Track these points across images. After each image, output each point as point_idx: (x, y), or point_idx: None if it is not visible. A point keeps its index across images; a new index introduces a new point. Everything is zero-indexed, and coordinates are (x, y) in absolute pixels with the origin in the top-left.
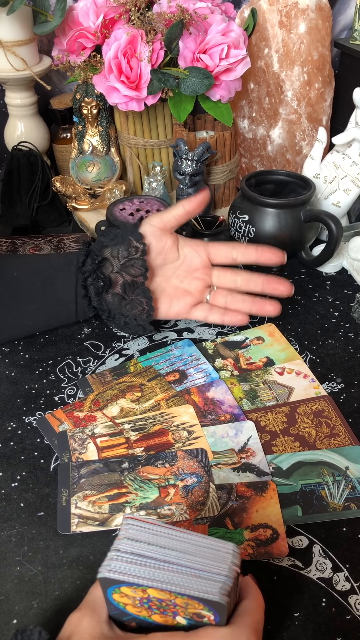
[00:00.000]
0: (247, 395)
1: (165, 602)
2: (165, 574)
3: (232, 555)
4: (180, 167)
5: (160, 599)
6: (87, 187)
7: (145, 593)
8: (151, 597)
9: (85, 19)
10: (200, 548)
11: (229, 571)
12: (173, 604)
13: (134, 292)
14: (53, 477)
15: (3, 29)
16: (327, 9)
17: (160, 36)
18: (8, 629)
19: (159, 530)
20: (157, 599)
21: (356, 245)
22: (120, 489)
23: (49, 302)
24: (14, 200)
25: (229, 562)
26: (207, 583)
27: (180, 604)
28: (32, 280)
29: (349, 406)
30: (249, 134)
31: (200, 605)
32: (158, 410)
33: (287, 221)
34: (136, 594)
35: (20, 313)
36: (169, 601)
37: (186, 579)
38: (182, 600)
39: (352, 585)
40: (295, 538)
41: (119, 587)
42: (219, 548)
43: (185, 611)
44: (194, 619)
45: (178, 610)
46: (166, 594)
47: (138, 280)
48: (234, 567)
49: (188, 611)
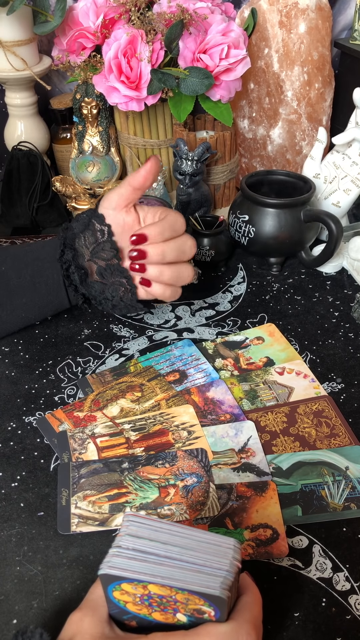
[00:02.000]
0: (247, 395)
1: (166, 599)
2: (167, 569)
3: (233, 550)
4: (180, 167)
5: (160, 595)
6: (87, 187)
7: (146, 589)
8: (152, 594)
9: (85, 19)
10: (201, 543)
11: (230, 566)
12: (174, 600)
13: (111, 274)
14: (53, 477)
15: (3, 29)
16: (327, 9)
17: (160, 36)
18: (8, 629)
19: (160, 526)
20: (157, 595)
21: (356, 245)
22: (120, 489)
23: (40, 293)
24: (14, 200)
25: (230, 557)
26: (208, 578)
27: (180, 599)
28: (21, 274)
29: (349, 406)
30: (249, 134)
31: (201, 601)
32: (158, 410)
33: (287, 221)
34: (137, 590)
35: (13, 307)
36: (170, 597)
37: (187, 574)
38: (182, 595)
39: (352, 585)
40: (295, 538)
41: (119, 583)
42: (220, 543)
43: (185, 607)
44: (195, 616)
45: (178, 606)
46: (167, 589)
47: (112, 263)
48: (235, 561)
49: (189, 607)
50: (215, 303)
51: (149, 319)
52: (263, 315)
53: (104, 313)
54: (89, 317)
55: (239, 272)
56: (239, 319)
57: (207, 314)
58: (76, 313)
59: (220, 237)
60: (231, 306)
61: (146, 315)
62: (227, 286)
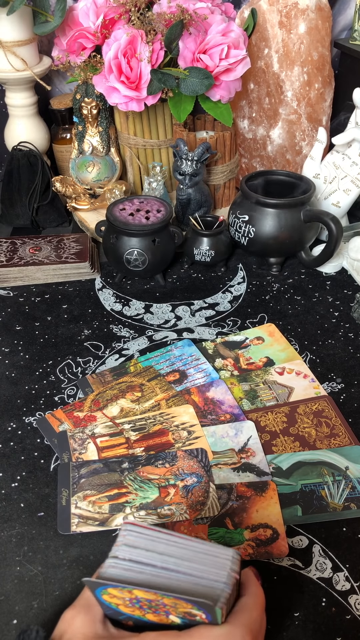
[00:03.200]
0: (247, 395)
1: (154, 602)
2: (163, 581)
3: (231, 562)
4: (180, 167)
5: (148, 599)
6: (87, 187)
7: (132, 594)
8: (139, 598)
9: (85, 19)
10: (199, 554)
11: (227, 578)
12: (162, 603)
13: None
14: (53, 477)
15: (3, 29)
16: (327, 9)
17: (160, 36)
18: (8, 629)
19: (158, 536)
20: (145, 599)
21: (356, 245)
22: (120, 489)
23: None
24: (14, 200)
25: (228, 568)
26: (205, 590)
27: (169, 603)
28: None
29: (349, 406)
30: (249, 134)
31: (189, 605)
32: (158, 410)
33: (287, 221)
34: (123, 594)
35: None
36: (157, 601)
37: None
38: (169, 600)
39: (352, 585)
40: (295, 538)
41: (105, 588)
42: (218, 554)
43: (176, 610)
44: (187, 618)
45: (169, 609)
46: (152, 594)
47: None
48: (233, 574)
49: (179, 610)
50: (215, 303)
51: (149, 319)
52: (263, 315)
53: (104, 313)
54: (89, 318)
55: (239, 272)
56: (239, 319)
57: (207, 314)
58: (76, 313)
59: (220, 237)
60: (231, 306)
61: (146, 315)
62: (227, 286)
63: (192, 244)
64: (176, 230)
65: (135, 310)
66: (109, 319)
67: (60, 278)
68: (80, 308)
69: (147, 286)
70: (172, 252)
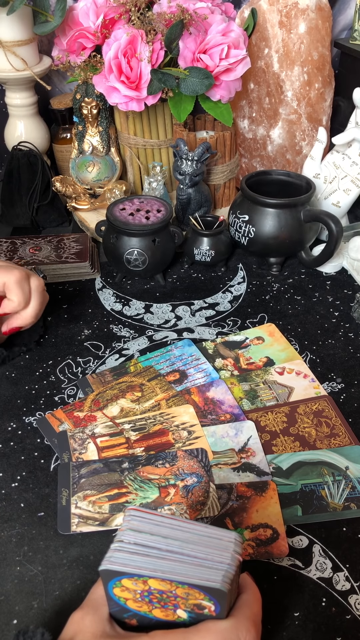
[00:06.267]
0: (247, 395)
1: (166, 594)
2: (168, 563)
3: (234, 544)
4: (180, 167)
5: (161, 591)
6: (87, 187)
7: (146, 585)
8: (152, 589)
9: (85, 19)
10: (202, 537)
11: (231, 559)
12: (174, 595)
13: None
14: (53, 477)
15: (3, 29)
16: (327, 9)
17: (160, 36)
18: (8, 629)
19: (162, 520)
20: (157, 590)
21: (356, 245)
22: (120, 489)
23: None
24: (14, 200)
25: (232, 550)
26: (209, 571)
27: (181, 594)
28: None
29: (349, 406)
30: (249, 134)
31: (201, 595)
32: (158, 410)
33: (287, 221)
34: (137, 586)
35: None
36: (170, 592)
37: (189, 567)
38: (182, 590)
39: (352, 585)
40: (295, 538)
41: (120, 579)
42: (221, 537)
43: (186, 603)
44: (195, 611)
45: (179, 602)
46: (167, 584)
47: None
48: (236, 555)
49: (189, 602)
50: (215, 303)
51: (149, 319)
52: (263, 315)
53: (104, 313)
54: (89, 318)
55: (239, 272)
56: (239, 319)
57: (207, 314)
58: (76, 313)
59: (220, 237)
60: (231, 306)
61: (146, 315)
62: (227, 286)
63: (192, 244)
64: (176, 230)
65: (135, 310)
66: (109, 318)
67: (60, 278)
68: (80, 308)
69: (147, 286)
70: (172, 252)
